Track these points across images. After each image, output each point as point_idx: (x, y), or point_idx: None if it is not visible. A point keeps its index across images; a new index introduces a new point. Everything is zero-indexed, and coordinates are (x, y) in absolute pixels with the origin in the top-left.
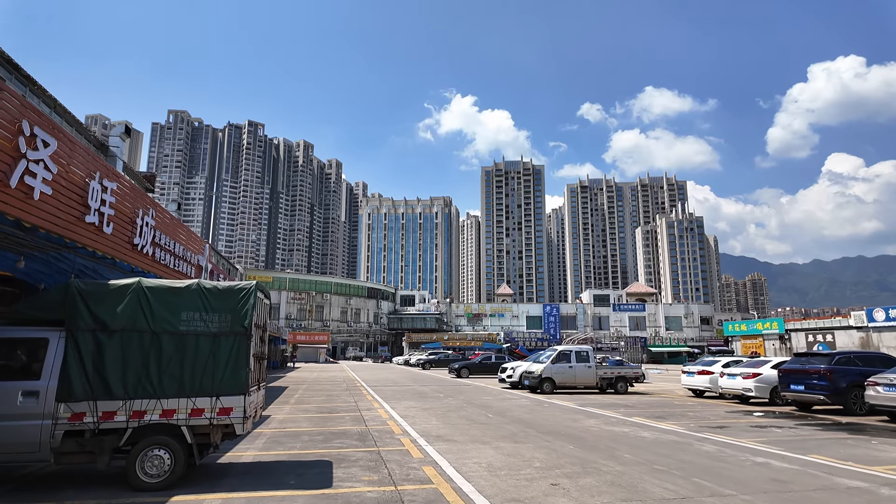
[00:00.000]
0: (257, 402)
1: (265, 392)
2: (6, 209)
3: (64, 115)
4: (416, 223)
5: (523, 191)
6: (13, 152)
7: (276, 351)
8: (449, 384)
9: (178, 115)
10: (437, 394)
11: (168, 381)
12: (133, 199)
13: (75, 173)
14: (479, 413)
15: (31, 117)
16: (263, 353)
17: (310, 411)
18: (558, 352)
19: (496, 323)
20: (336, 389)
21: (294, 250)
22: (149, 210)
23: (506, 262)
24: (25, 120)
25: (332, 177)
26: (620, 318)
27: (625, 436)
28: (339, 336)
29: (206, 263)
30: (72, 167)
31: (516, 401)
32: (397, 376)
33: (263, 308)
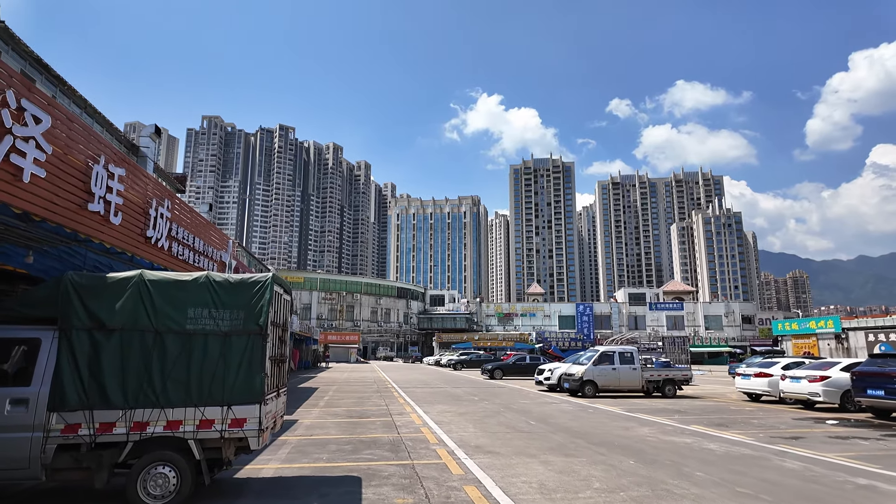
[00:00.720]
0: (276, 410)
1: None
2: None
3: (94, 115)
4: (444, 223)
5: (553, 188)
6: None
7: (308, 351)
8: (483, 386)
9: (211, 120)
10: (471, 396)
11: (173, 388)
12: (145, 188)
13: (75, 155)
14: (518, 419)
15: (18, 88)
16: (284, 355)
17: (339, 415)
18: (600, 353)
19: (527, 323)
20: (366, 391)
21: (325, 251)
22: (163, 200)
23: (536, 261)
24: (11, 90)
25: (361, 178)
26: (657, 317)
27: (688, 448)
28: (369, 336)
29: (230, 260)
30: (71, 148)
31: (557, 405)
32: (428, 377)
33: (283, 305)
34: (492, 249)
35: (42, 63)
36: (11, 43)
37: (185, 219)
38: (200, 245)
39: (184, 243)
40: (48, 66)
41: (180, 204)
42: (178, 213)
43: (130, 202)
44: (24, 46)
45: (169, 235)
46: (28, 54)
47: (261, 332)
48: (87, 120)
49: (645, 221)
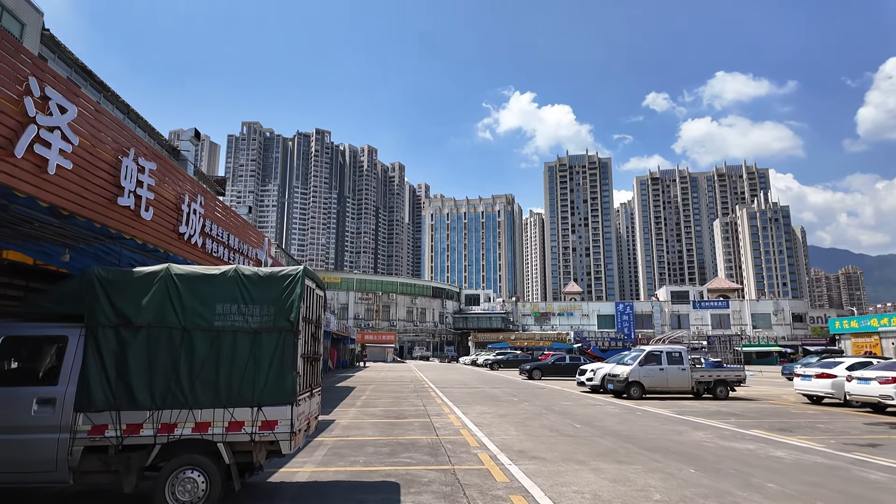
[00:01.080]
0: (310, 412)
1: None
2: (13, 183)
3: (137, 120)
4: (478, 222)
5: (589, 185)
6: (19, 116)
7: (345, 350)
8: (521, 386)
9: (251, 126)
10: (510, 397)
11: (201, 388)
12: (177, 183)
13: (104, 147)
14: (562, 422)
15: (42, 76)
16: (318, 353)
17: (376, 415)
18: (646, 352)
19: (565, 322)
20: (403, 391)
21: (361, 252)
22: (196, 196)
23: (572, 259)
24: (33, 77)
25: (395, 179)
26: (701, 315)
27: (753, 455)
28: (405, 336)
29: (265, 258)
30: (99, 140)
31: (602, 407)
32: (465, 377)
33: (316, 300)
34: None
35: (86, 70)
36: (57, 51)
37: (219, 216)
38: (236, 242)
39: (218, 240)
40: (92, 73)
41: (214, 200)
42: (211, 209)
43: (162, 197)
44: (69, 54)
45: (203, 232)
46: (73, 62)
47: (292, 329)
48: (130, 125)
49: (686, 217)
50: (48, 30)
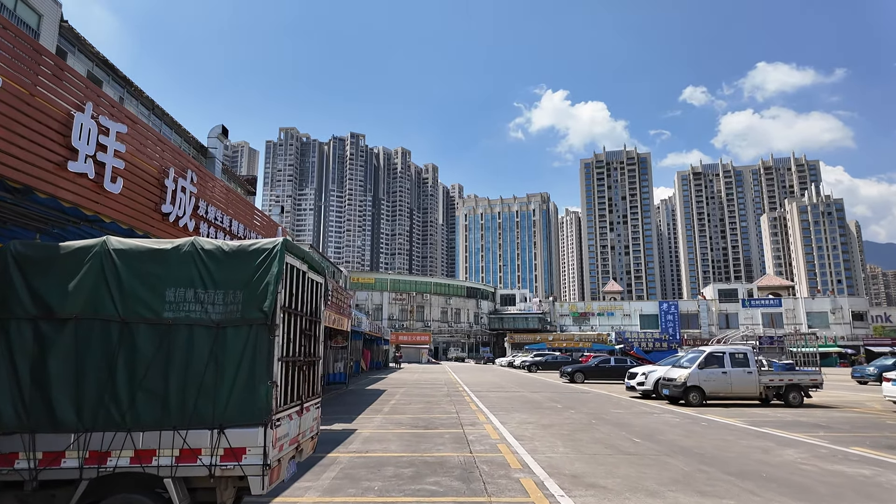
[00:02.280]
0: (301, 431)
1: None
2: None
3: (163, 116)
4: (512, 222)
5: (627, 182)
6: None
7: (379, 351)
8: (564, 391)
9: (287, 132)
10: (552, 403)
11: (145, 403)
12: (157, 153)
13: (47, 98)
14: (618, 435)
15: None
16: (314, 355)
17: (403, 424)
18: (707, 354)
19: (605, 323)
20: (436, 394)
21: (396, 254)
22: (186, 172)
23: (611, 258)
24: None
25: (429, 181)
26: (752, 314)
27: (875, 485)
28: (440, 336)
29: None
30: (40, 89)
31: (659, 416)
32: (502, 380)
33: (308, 285)
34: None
35: (108, 64)
36: (77, 44)
37: (217, 196)
38: (239, 228)
39: (216, 225)
40: (115, 67)
41: (211, 180)
42: (207, 188)
43: (137, 168)
44: (90, 48)
45: (195, 214)
46: (94, 55)
47: (266, 322)
48: (156, 121)
49: (731, 213)
50: (66, 21)
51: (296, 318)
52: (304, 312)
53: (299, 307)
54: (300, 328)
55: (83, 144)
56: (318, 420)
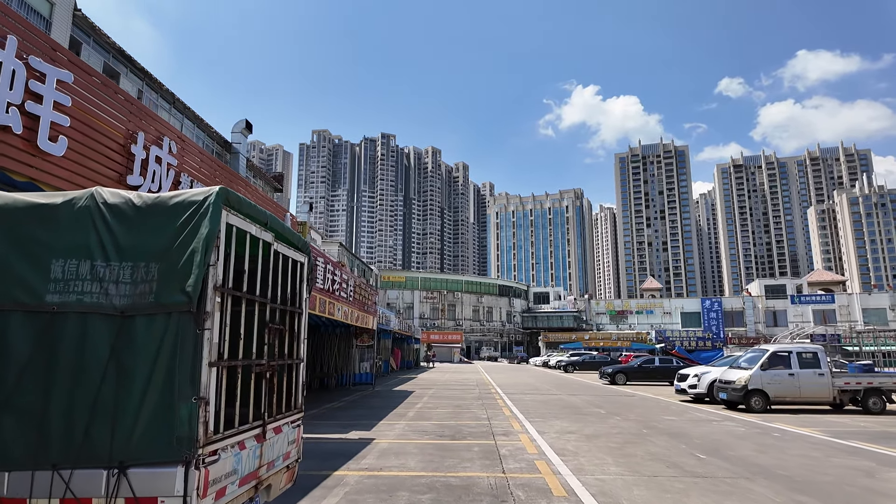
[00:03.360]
0: (264, 463)
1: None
2: None
3: (185, 111)
4: (545, 219)
5: (664, 176)
6: None
7: (410, 350)
8: (605, 393)
9: (320, 134)
10: (594, 408)
11: (12, 427)
12: (126, 114)
13: None
14: (677, 449)
15: None
16: (292, 355)
17: (427, 433)
18: (770, 353)
19: (644, 321)
20: (467, 397)
21: (427, 253)
22: (161, 139)
23: (648, 254)
24: None
25: (460, 180)
26: (801, 311)
27: None
28: (472, 335)
29: None
30: None
31: (720, 424)
32: (537, 381)
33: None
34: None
35: (125, 55)
36: (93, 34)
37: (204, 172)
38: None
39: None
40: (132, 59)
41: (197, 151)
42: (191, 161)
43: (90, 129)
44: (105, 37)
45: (175, 190)
46: (111, 45)
47: (189, 308)
48: (177, 115)
49: (775, 206)
50: (79, 10)
51: (254, 305)
52: (271, 299)
53: (259, 291)
54: (263, 320)
55: (4, 89)
56: (298, 443)
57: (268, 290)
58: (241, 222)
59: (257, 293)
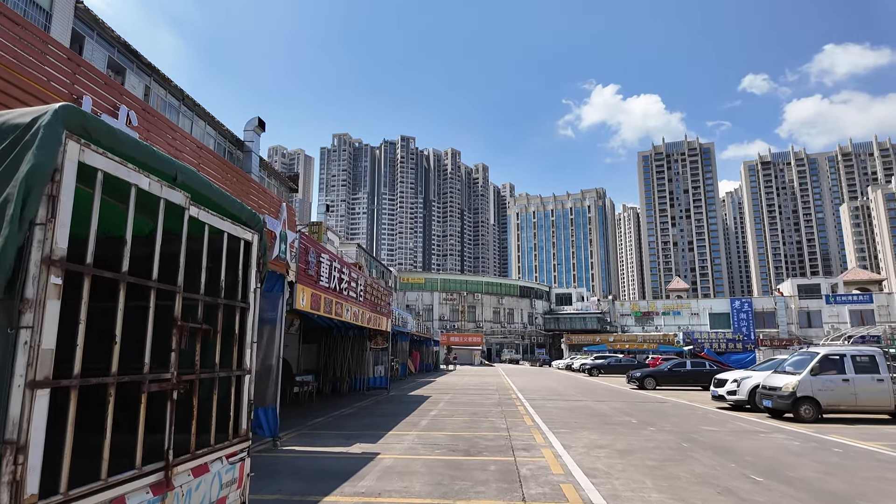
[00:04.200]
0: None
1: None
2: None
3: (194, 108)
4: (567, 219)
5: (689, 174)
6: None
7: (428, 352)
8: (635, 400)
9: (341, 137)
10: (625, 417)
11: None
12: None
13: None
14: (726, 468)
15: None
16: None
17: (439, 446)
18: (821, 356)
19: (671, 322)
20: (485, 403)
21: (447, 255)
22: (118, 108)
23: (673, 254)
24: None
25: (479, 181)
26: (837, 312)
27: None
28: (492, 337)
29: (282, 230)
30: None
31: (769, 437)
32: (560, 385)
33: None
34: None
35: (131, 49)
36: (96, 27)
37: (177, 149)
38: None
39: None
40: (139, 54)
41: (169, 126)
42: (156, 135)
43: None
44: (109, 31)
45: None
46: (115, 40)
47: None
48: (187, 112)
49: (805, 203)
50: (82, 2)
51: (149, 295)
52: (185, 287)
53: (159, 274)
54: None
55: None
56: (241, 484)
57: (178, 275)
58: (117, 167)
59: (154, 277)
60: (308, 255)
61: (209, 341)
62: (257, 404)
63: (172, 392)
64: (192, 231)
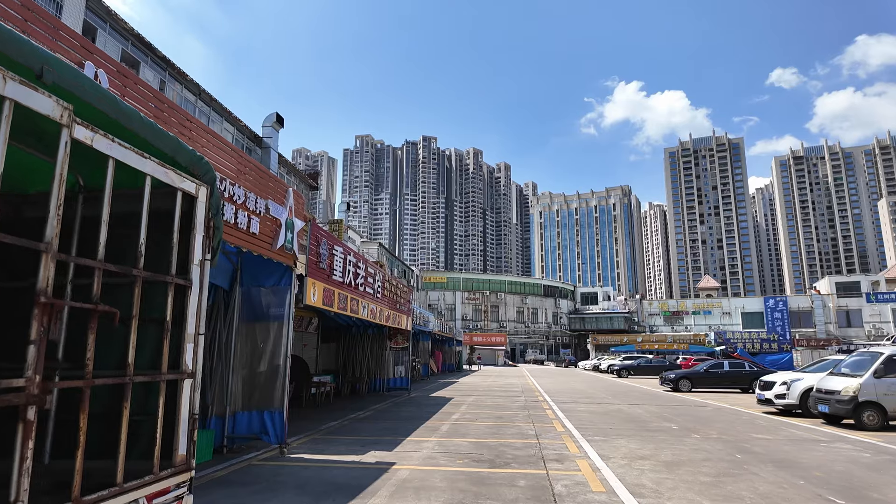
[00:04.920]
0: None
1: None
2: None
3: (211, 102)
4: (591, 217)
5: (718, 170)
6: None
7: (451, 353)
8: (671, 403)
9: (363, 139)
10: (664, 422)
11: None
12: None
13: None
14: (794, 486)
15: None
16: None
17: (461, 456)
18: (886, 357)
19: (701, 322)
20: (511, 406)
21: (470, 255)
22: (82, 62)
23: (702, 252)
24: None
25: (502, 180)
26: (879, 310)
27: None
28: (516, 337)
29: (288, 218)
30: None
31: (834, 448)
32: (589, 387)
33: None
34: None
35: (145, 42)
36: (109, 20)
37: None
38: (240, 194)
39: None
40: (153, 47)
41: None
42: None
43: None
44: (122, 24)
45: None
46: (128, 32)
47: None
48: (203, 108)
49: (840, 199)
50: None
51: None
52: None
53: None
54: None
55: None
56: None
57: (45, 228)
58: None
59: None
60: (319, 247)
61: (115, 331)
62: (262, 407)
63: (26, 409)
64: (81, 165)
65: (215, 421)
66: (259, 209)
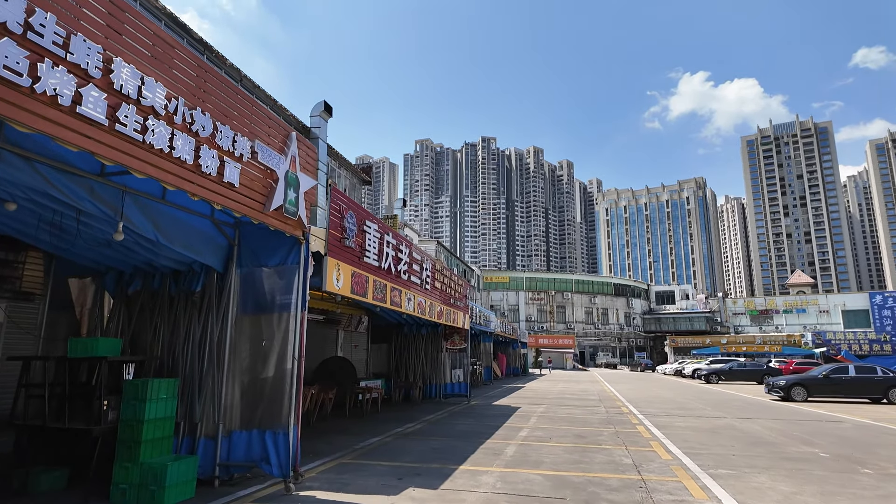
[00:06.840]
0: None
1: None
2: None
3: (255, 90)
4: (662, 212)
5: (804, 158)
6: None
7: (515, 355)
8: (792, 417)
9: (423, 143)
10: (802, 445)
11: None
12: None
13: None
14: None
15: None
16: None
17: (534, 497)
18: None
19: (793, 321)
20: (591, 420)
21: (532, 255)
22: None
23: (787, 246)
24: None
25: (564, 178)
26: None
27: None
28: (585, 340)
29: (291, 172)
30: None
31: None
32: (677, 395)
33: None
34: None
35: (179, 22)
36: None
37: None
38: (203, 123)
39: (143, 108)
40: (188, 28)
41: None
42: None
43: None
44: (154, 2)
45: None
46: (160, 10)
47: None
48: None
49: None
50: None
51: None
52: None
53: None
54: None
55: None
56: None
57: None
58: None
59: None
60: (344, 220)
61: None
62: (263, 428)
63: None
64: None
65: (204, 444)
66: (240, 151)
